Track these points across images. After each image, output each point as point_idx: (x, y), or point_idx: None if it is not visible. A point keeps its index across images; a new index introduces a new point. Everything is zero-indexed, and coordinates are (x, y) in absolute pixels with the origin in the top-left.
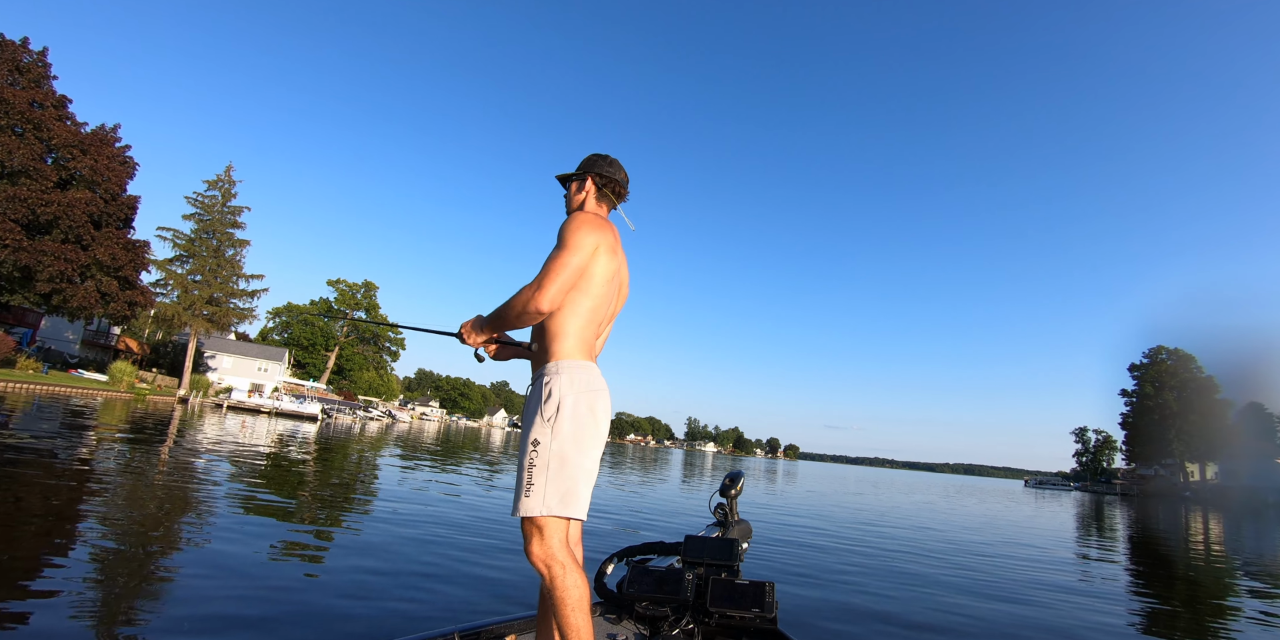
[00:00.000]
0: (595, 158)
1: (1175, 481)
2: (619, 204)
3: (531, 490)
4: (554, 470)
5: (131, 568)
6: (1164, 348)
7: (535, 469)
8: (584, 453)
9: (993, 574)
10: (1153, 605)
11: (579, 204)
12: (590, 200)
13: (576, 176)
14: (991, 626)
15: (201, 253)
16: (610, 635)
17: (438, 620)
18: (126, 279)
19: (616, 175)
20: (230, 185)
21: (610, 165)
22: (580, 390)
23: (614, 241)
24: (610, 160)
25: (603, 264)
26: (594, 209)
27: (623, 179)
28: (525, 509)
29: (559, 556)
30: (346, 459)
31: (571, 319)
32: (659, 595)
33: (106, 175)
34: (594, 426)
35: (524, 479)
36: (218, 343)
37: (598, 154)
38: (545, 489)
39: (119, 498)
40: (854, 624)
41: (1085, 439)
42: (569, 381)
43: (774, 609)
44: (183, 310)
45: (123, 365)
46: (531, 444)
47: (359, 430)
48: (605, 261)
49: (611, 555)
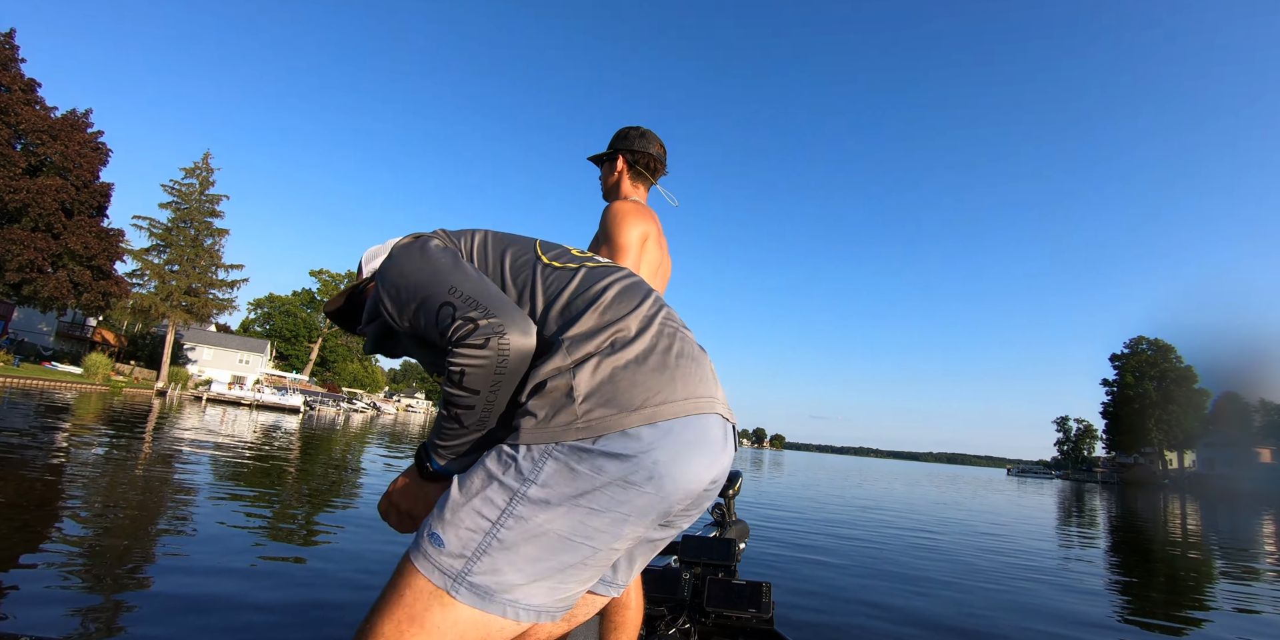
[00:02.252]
0: (626, 132)
1: (1154, 469)
2: (656, 180)
3: None
4: None
5: (103, 571)
6: (1144, 338)
7: None
8: None
9: (985, 564)
10: (1131, 588)
11: (612, 186)
12: (625, 181)
13: (607, 155)
14: (989, 623)
15: (179, 242)
16: None
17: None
18: (100, 269)
19: (650, 149)
20: (208, 173)
21: (643, 137)
22: None
23: (657, 229)
24: (642, 132)
25: (649, 257)
26: (629, 191)
27: (657, 153)
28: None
29: None
30: (329, 451)
31: None
32: (656, 595)
33: (78, 161)
34: None
35: None
36: (198, 335)
37: (629, 127)
38: None
39: (86, 495)
40: (854, 624)
41: (1067, 428)
42: None
43: (770, 609)
44: (160, 301)
45: (98, 357)
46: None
47: (343, 422)
48: (651, 254)
49: None
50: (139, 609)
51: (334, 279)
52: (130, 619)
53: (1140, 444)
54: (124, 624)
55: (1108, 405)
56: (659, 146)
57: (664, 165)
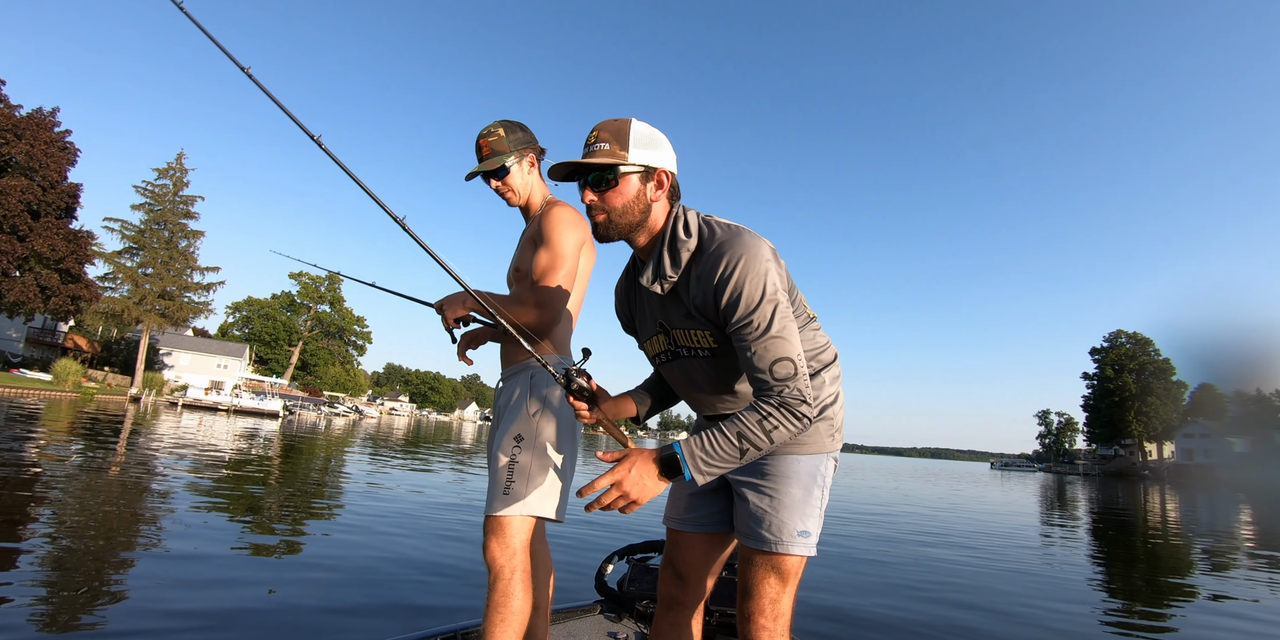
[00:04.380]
0: (515, 129)
1: (1134, 461)
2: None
3: (511, 488)
4: (536, 469)
5: (72, 587)
6: (1123, 332)
7: (517, 466)
8: (565, 452)
9: (978, 560)
10: (1112, 578)
11: (528, 190)
12: (536, 180)
13: (512, 158)
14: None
15: (152, 244)
16: (611, 633)
17: (436, 618)
18: (69, 272)
19: (534, 136)
20: (182, 173)
21: (526, 128)
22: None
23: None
24: (521, 124)
25: (585, 261)
26: (545, 190)
27: (535, 138)
28: (502, 508)
29: (517, 560)
30: (308, 457)
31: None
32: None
33: (44, 161)
34: (576, 425)
35: (503, 477)
36: (174, 339)
37: (508, 122)
38: (527, 488)
39: (39, 509)
40: (856, 622)
41: (1048, 421)
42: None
43: None
44: (133, 305)
45: (68, 363)
46: (514, 440)
47: (324, 427)
48: (587, 258)
49: (612, 553)
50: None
51: (314, 281)
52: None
53: (1120, 436)
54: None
55: (1088, 398)
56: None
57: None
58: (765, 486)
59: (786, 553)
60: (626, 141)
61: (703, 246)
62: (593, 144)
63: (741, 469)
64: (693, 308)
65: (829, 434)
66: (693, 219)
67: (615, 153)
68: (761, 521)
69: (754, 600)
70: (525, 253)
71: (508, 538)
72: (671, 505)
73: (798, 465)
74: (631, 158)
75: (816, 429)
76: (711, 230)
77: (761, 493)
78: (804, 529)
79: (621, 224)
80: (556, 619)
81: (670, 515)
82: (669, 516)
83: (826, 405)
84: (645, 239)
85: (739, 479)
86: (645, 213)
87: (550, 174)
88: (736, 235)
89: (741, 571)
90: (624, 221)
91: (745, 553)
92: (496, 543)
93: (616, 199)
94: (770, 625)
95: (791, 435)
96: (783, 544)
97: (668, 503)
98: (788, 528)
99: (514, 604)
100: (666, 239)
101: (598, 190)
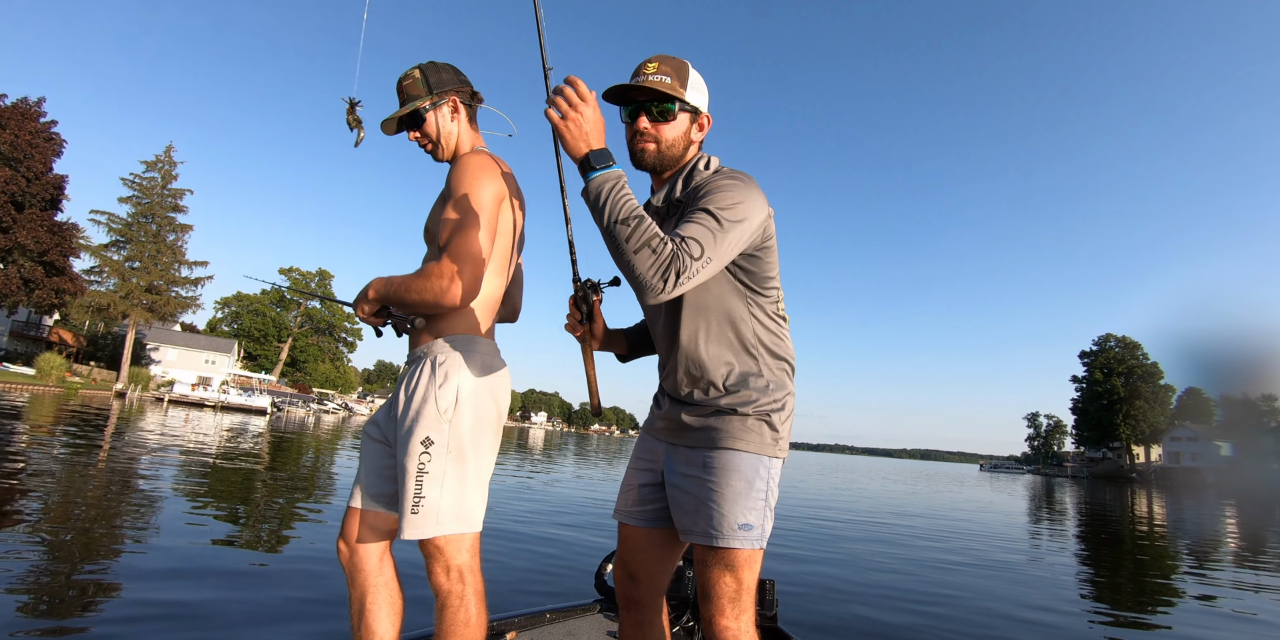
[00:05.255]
0: (438, 71)
1: (1122, 464)
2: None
3: (423, 506)
4: (452, 477)
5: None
6: (1112, 335)
7: (429, 477)
8: (483, 452)
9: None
10: (1100, 579)
11: (455, 139)
12: (464, 128)
13: (428, 102)
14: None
15: (140, 238)
16: (610, 633)
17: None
18: (53, 265)
19: (467, 79)
20: (171, 166)
21: (456, 70)
22: (479, 373)
23: (512, 182)
24: (447, 65)
25: (505, 217)
26: (476, 139)
27: (468, 80)
28: (417, 529)
29: (467, 581)
30: (295, 453)
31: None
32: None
33: (29, 152)
34: (496, 419)
35: (412, 490)
36: (161, 334)
37: (432, 63)
38: (440, 502)
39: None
40: (857, 620)
41: (1037, 424)
42: (466, 363)
43: (774, 607)
44: (119, 299)
45: (52, 357)
46: (422, 444)
47: (313, 424)
48: (507, 213)
49: (611, 553)
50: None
51: (304, 276)
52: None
53: (1108, 439)
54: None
55: (1077, 401)
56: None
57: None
58: (705, 480)
59: (728, 546)
60: (686, 80)
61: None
62: (653, 74)
63: (681, 463)
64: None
65: (773, 439)
66: (714, 161)
67: (675, 88)
68: (701, 515)
69: (714, 602)
70: (435, 212)
71: (448, 559)
72: (623, 498)
73: (739, 460)
74: (688, 97)
75: (760, 430)
76: (728, 171)
77: (703, 485)
78: (745, 522)
79: (667, 156)
80: (556, 619)
81: (621, 508)
82: (620, 510)
83: (775, 412)
84: (669, 175)
85: (678, 473)
86: (685, 150)
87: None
88: (748, 177)
89: (698, 574)
90: (669, 154)
91: (697, 553)
92: (438, 568)
93: (669, 131)
94: (733, 624)
95: (646, 268)
96: (724, 537)
97: (619, 496)
98: (728, 520)
99: (467, 632)
100: (687, 169)
101: (653, 119)
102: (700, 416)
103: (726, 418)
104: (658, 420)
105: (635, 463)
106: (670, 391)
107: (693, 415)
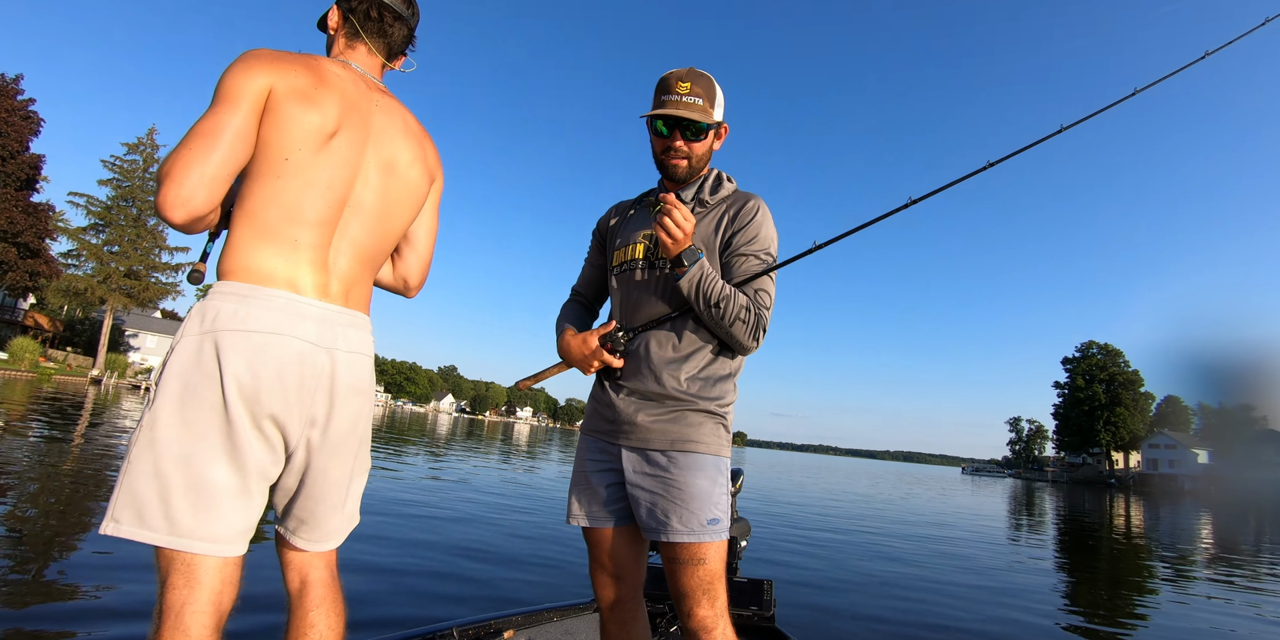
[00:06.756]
0: None
1: (1101, 469)
2: (394, 41)
3: (114, 499)
4: (139, 471)
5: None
6: (1094, 343)
7: (127, 464)
8: (199, 442)
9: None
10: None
11: (327, 47)
12: (340, 41)
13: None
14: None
15: (119, 221)
16: None
17: (434, 616)
18: (28, 246)
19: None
20: (153, 150)
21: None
22: (210, 331)
23: (316, 81)
24: None
25: (292, 117)
26: (342, 50)
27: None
28: (104, 524)
29: (167, 602)
30: None
31: (240, 217)
32: (657, 592)
33: (3, 129)
34: (232, 400)
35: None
36: (141, 321)
37: None
38: (128, 497)
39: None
40: (855, 620)
41: (1019, 428)
42: (202, 318)
43: (772, 607)
44: (97, 283)
45: (25, 342)
46: (135, 424)
47: None
48: (297, 113)
49: None
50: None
51: None
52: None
53: (1089, 444)
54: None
55: (1059, 407)
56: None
57: (395, 11)
58: (671, 480)
59: (699, 541)
60: (714, 100)
61: (738, 192)
62: (687, 95)
63: (643, 464)
64: (709, 232)
65: (727, 440)
66: (729, 177)
67: (707, 110)
68: (672, 514)
69: (691, 595)
70: None
71: (161, 571)
72: (585, 502)
73: (702, 460)
74: (715, 115)
75: (718, 431)
76: (757, 199)
77: (669, 485)
78: (713, 517)
79: (696, 168)
80: (555, 618)
81: (585, 513)
82: (588, 515)
83: (727, 414)
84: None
85: (641, 473)
86: (708, 160)
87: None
88: (765, 206)
89: (669, 574)
90: (699, 166)
91: (667, 552)
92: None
93: (700, 149)
94: (711, 612)
95: (742, 336)
96: (695, 534)
97: (576, 502)
98: (698, 518)
99: None
100: (713, 177)
101: (686, 139)
102: (659, 417)
103: (687, 418)
104: (605, 422)
105: (590, 466)
106: (631, 391)
107: (651, 415)
